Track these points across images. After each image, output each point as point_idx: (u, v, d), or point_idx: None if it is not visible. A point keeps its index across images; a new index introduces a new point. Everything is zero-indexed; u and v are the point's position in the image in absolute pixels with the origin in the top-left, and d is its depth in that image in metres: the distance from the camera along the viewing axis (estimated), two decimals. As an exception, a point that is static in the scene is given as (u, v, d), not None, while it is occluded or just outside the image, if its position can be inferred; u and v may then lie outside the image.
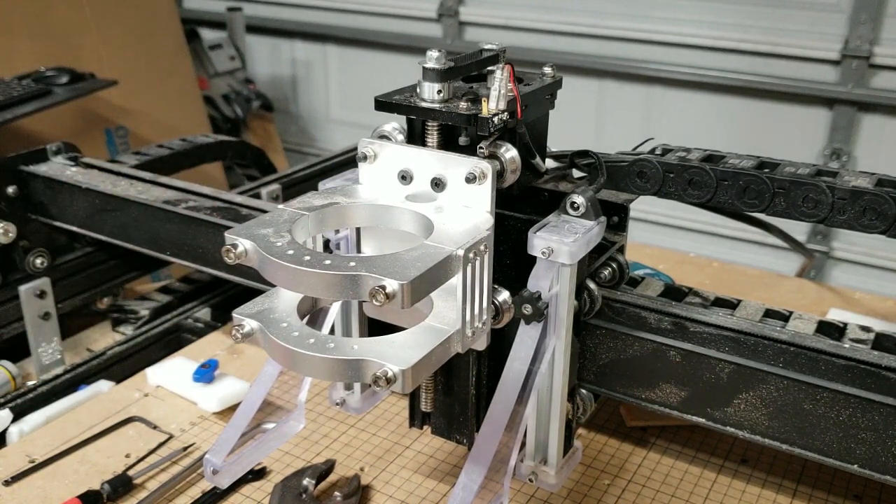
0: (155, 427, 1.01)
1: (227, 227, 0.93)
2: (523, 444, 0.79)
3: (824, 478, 0.93)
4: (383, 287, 0.58)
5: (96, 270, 1.30)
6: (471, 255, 0.64)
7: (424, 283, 0.60)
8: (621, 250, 0.85)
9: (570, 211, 0.74)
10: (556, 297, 0.73)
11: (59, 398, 1.10)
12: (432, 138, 0.74)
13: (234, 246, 0.65)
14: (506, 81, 0.70)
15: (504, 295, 0.74)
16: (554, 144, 0.85)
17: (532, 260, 0.72)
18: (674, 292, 0.85)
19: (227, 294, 1.38)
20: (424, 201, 0.72)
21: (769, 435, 0.78)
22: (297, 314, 0.67)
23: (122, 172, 1.21)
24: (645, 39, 2.55)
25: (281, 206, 0.71)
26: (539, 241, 0.71)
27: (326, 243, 0.79)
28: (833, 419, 0.74)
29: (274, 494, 0.88)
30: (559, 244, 0.70)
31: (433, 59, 0.71)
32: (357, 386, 0.87)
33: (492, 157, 0.72)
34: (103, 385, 1.14)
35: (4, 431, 1.04)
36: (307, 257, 0.61)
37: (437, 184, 0.72)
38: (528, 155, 0.76)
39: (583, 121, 2.74)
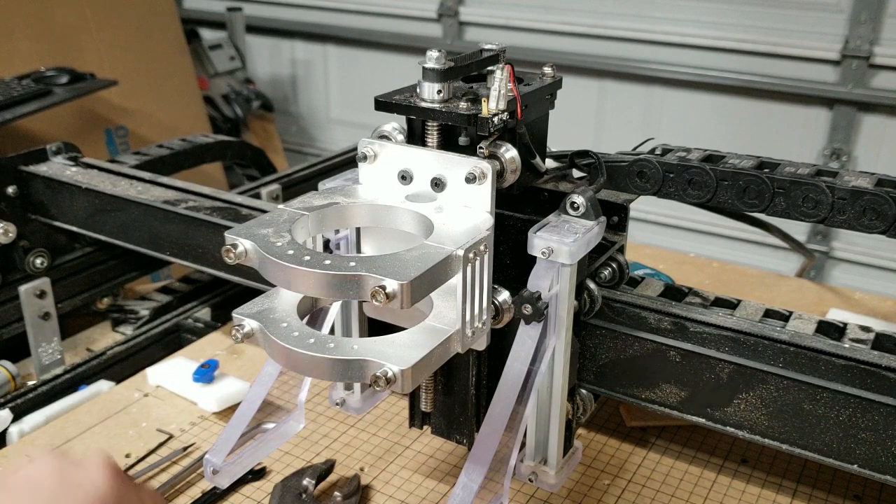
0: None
1: (227, 227, 0.93)
2: (523, 444, 0.79)
3: (824, 478, 0.93)
4: (383, 287, 0.58)
5: (96, 270, 1.30)
6: (471, 255, 0.64)
7: (424, 283, 0.60)
8: (621, 250, 0.85)
9: (570, 211, 0.75)
10: (556, 297, 0.73)
11: (59, 398, 1.10)
12: (432, 138, 0.74)
13: (234, 246, 0.65)
14: (506, 81, 0.70)
15: (504, 295, 0.74)
16: (554, 144, 0.85)
17: (532, 260, 0.72)
18: (674, 292, 0.85)
19: (227, 294, 1.38)
20: (424, 201, 0.72)
21: (769, 435, 0.78)
22: (297, 314, 0.67)
23: (122, 172, 1.21)
24: (645, 39, 2.55)
25: (281, 206, 0.71)
26: (539, 241, 0.71)
27: (326, 243, 0.79)
28: (833, 419, 0.74)
29: (274, 494, 0.88)
30: (559, 244, 0.70)
31: (433, 59, 0.71)
32: (357, 386, 0.87)
33: (492, 157, 0.72)
34: (103, 385, 1.14)
35: (4, 431, 1.04)
36: (307, 257, 0.61)
37: (437, 184, 0.72)
38: (528, 155, 0.76)
39: (583, 121, 2.74)
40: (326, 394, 1.03)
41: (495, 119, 0.69)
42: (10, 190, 1.20)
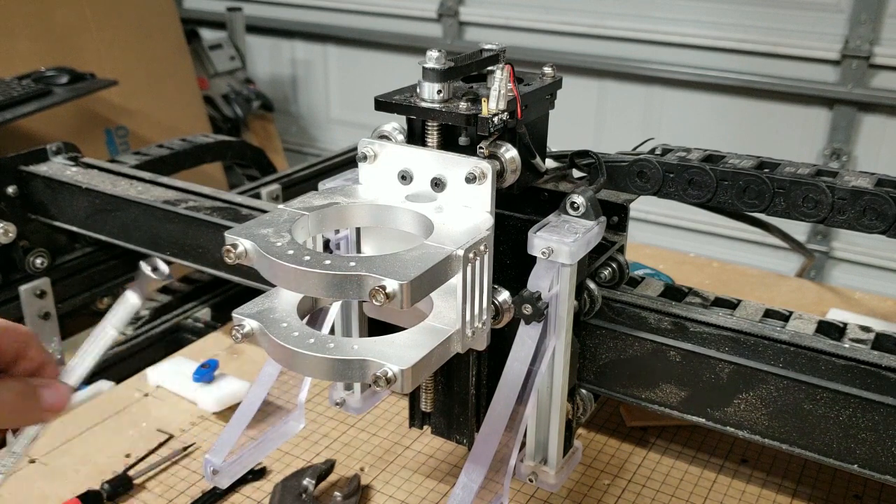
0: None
1: (227, 227, 0.93)
2: (523, 444, 0.79)
3: (824, 478, 0.93)
4: (383, 287, 0.58)
5: (96, 270, 1.30)
6: (471, 255, 0.64)
7: (424, 283, 0.60)
8: (621, 250, 0.85)
9: (570, 211, 0.75)
10: (556, 297, 0.73)
11: (59, 398, 1.10)
12: (432, 138, 0.74)
13: (234, 246, 0.65)
14: (506, 81, 0.70)
15: (504, 295, 0.74)
16: (554, 144, 0.85)
17: (532, 260, 0.72)
18: (674, 292, 0.85)
19: (227, 294, 1.38)
20: (424, 201, 0.72)
21: (769, 435, 0.78)
22: (297, 314, 0.67)
23: (122, 172, 1.21)
24: (645, 39, 2.55)
25: (281, 206, 0.71)
26: (539, 241, 0.71)
27: (326, 243, 0.79)
28: (833, 419, 0.74)
29: (274, 494, 0.89)
30: (559, 244, 0.70)
31: (433, 59, 0.71)
32: (357, 386, 0.87)
33: (492, 157, 0.72)
34: (103, 385, 1.14)
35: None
36: (307, 257, 0.61)
37: (437, 184, 0.72)
38: (528, 155, 0.76)
39: (583, 121, 2.74)
40: (326, 394, 1.03)
41: (495, 119, 0.69)
42: (10, 190, 1.20)
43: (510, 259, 0.79)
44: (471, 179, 0.69)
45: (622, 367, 0.83)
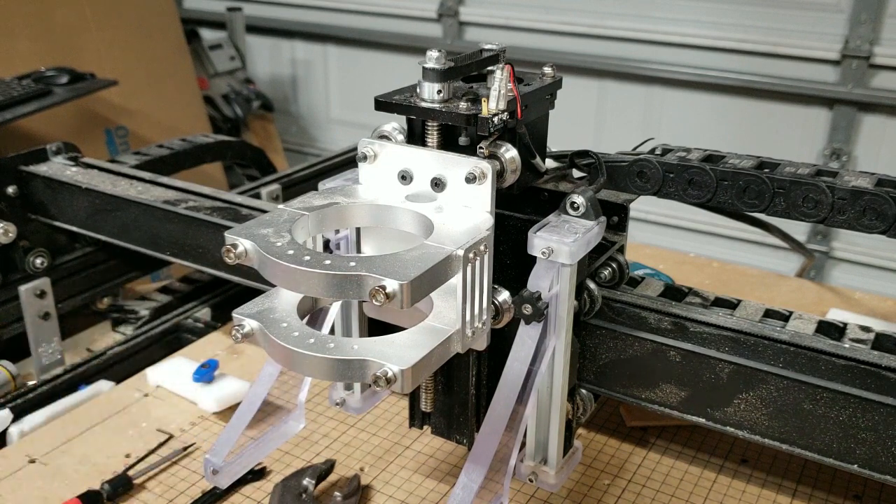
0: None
1: (227, 227, 0.93)
2: (523, 444, 0.79)
3: (824, 478, 0.93)
4: (383, 287, 0.58)
5: (96, 270, 1.30)
6: (471, 255, 0.64)
7: (424, 283, 0.60)
8: (621, 250, 0.85)
9: (570, 211, 0.75)
10: (556, 297, 0.73)
11: (59, 398, 1.10)
12: (432, 138, 0.74)
13: (234, 246, 0.65)
14: (506, 81, 0.70)
15: (504, 295, 0.74)
16: (554, 144, 0.85)
17: (532, 260, 0.72)
18: (674, 292, 0.85)
19: (227, 294, 1.38)
20: (424, 201, 0.72)
21: (769, 435, 0.78)
22: (297, 314, 0.67)
23: (122, 172, 1.21)
24: (645, 39, 2.55)
25: (281, 206, 0.71)
26: (539, 241, 0.71)
27: (326, 243, 0.79)
28: (833, 419, 0.74)
29: (274, 494, 0.89)
30: (559, 244, 0.70)
31: (433, 59, 0.71)
32: (357, 386, 0.87)
33: (492, 157, 0.72)
34: (103, 385, 1.14)
35: (4, 431, 1.04)
36: (307, 257, 0.61)
37: (437, 184, 0.72)
38: (528, 155, 0.76)
39: (583, 121, 2.74)
40: (326, 394, 1.03)
41: (495, 119, 0.69)
42: (10, 190, 1.20)
43: (510, 259, 0.79)
44: (471, 179, 0.69)
45: (622, 367, 0.83)
